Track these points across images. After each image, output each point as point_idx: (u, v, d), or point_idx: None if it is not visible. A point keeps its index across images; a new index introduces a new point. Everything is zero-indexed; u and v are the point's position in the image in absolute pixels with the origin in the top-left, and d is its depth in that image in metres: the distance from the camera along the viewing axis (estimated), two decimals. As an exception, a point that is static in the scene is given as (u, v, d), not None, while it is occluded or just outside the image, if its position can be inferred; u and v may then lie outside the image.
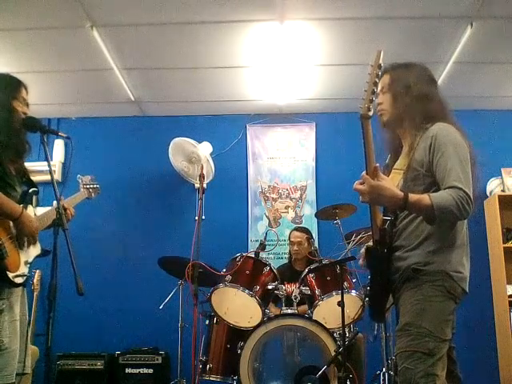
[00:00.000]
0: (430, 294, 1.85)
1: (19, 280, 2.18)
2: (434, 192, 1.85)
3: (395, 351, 1.90)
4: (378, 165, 1.85)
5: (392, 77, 2.06)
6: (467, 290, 1.92)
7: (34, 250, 2.35)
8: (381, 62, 1.82)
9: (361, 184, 1.84)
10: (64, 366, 4.11)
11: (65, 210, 2.35)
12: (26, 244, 2.27)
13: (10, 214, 2.19)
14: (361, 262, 2.15)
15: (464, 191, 1.78)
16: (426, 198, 1.79)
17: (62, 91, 4.64)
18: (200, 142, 4.55)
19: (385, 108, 2.07)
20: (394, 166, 2.08)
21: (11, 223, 2.21)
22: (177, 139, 4.53)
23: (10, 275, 2.12)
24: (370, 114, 1.83)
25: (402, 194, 1.80)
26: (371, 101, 1.82)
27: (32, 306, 4.04)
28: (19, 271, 2.19)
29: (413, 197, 1.80)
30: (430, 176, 1.91)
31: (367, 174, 1.84)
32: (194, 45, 3.91)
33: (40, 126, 2.33)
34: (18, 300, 2.26)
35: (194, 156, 4.42)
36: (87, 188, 3.02)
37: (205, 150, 4.53)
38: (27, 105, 2.40)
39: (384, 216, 1.99)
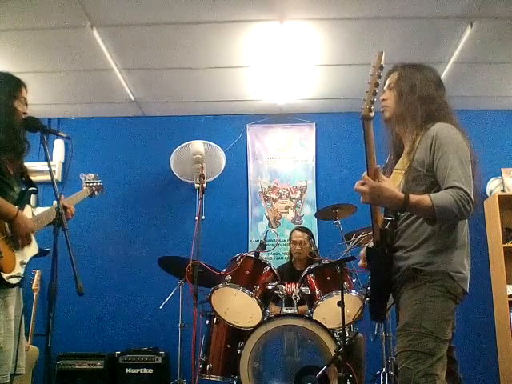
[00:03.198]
0: (430, 294, 1.85)
1: (14, 281, 2.17)
2: (435, 192, 1.85)
3: (395, 351, 1.90)
4: (379, 166, 1.85)
5: (400, 75, 2.08)
6: (468, 291, 1.92)
7: (31, 251, 2.33)
8: (382, 62, 1.82)
9: (362, 184, 1.85)
10: (64, 365, 4.10)
11: (65, 209, 2.34)
12: (20, 245, 2.26)
13: (5, 215, 2.18)
14: (361, 263, 2.15)
15: (464, 191, 1.78)
16: (426, 199, 1.79)
17: (62, 91, 4.63)
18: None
19: (388, 104, 2.08)
20: (395, 167, 2.08)
21: (6, 224, 2.20)
22: (173, 153, 4.53)
23: (5, 276, 2.12)
24: (372, 114, 1.83)
25: (403, 195, 1.81)
26: (372, 102, 1.83)
27: (32, 306, 4.04)
28: (14, 272, 2.18)
29: (413, 198, 1.80)
30: (431, 176, 1.91)
31: (368, 174, 1.84)
32: (194, 45, 3.91)
33: (40, 126, 2.32)
34: (14, 300, 2.25)
35: (197, 156, 4.41)
36: (90, 186, 2.95)
37: (199, 144, 4.51)
38: (26, 104, 2.40)
39: (385, 217, 2.00)
